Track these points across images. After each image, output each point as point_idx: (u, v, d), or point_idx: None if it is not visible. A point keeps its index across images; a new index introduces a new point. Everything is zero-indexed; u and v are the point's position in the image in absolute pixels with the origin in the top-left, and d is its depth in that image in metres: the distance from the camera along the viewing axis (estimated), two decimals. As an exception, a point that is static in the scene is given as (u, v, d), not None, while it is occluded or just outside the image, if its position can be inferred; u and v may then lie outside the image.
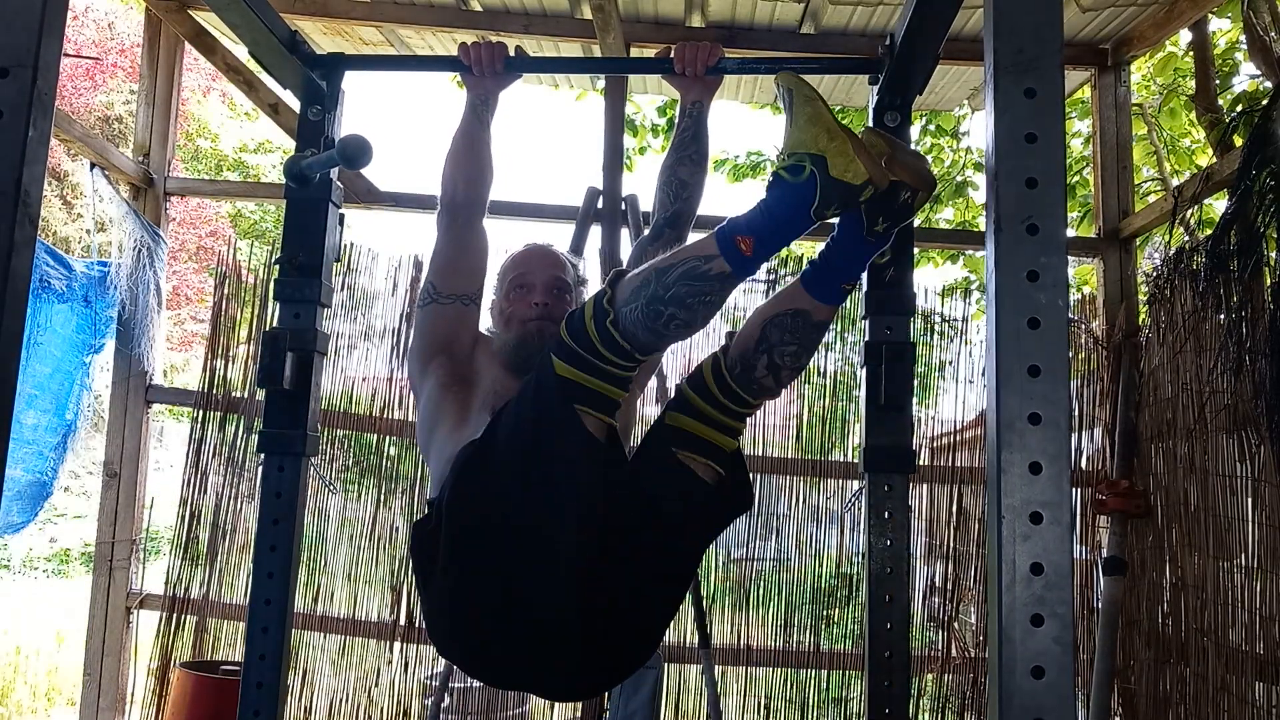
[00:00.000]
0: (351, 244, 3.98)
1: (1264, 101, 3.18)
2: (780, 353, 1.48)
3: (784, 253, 6.63)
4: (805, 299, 1.47)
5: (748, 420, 1.59)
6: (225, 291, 3.96)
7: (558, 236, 3.74)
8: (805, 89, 1.38)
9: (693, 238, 2.00)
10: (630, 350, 1.41)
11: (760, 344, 1.49)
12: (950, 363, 4.00)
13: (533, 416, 1.46)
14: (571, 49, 4.01)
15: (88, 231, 4.02)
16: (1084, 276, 6.13)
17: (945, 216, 6.86)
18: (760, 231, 1.35)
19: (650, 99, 6.58)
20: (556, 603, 1.45)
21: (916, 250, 4.22)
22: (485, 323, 1.98)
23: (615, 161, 3.80)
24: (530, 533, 1.46)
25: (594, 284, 2.15)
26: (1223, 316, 3.09)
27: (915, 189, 1.36)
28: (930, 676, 3.82)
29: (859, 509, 2.02)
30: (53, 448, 3.66)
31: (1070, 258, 4.68)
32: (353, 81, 2.15)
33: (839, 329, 4.04)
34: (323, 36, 4.08)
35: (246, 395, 3.85)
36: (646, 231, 2.01)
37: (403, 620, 3.81)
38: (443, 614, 1.60)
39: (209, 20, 3.77)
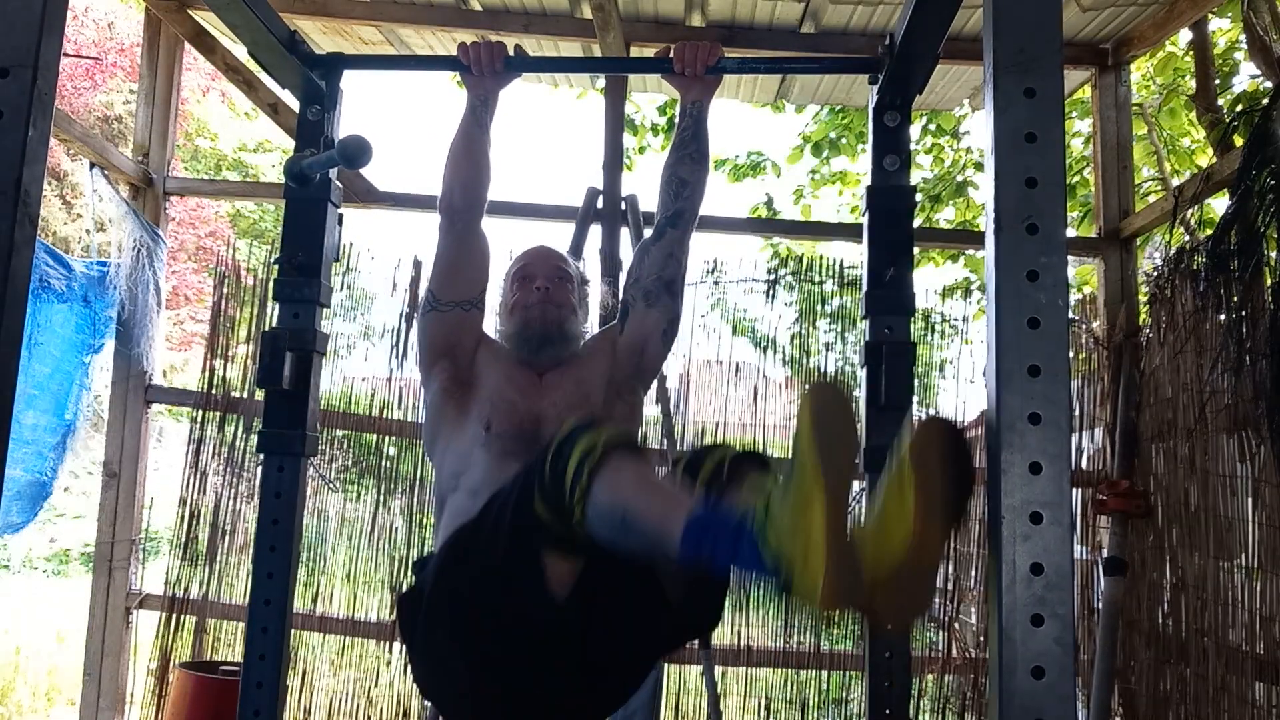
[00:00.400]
0: (351, 244, 3.98)
1: (1264, 101, 3.18)
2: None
3: (784, 252, 6.64)
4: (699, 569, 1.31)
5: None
6: (224, 291, 3.96)
7: (558, 236, 3.75)
8: (811, 461, 1.11)
9: (693, 241, 2.01)
10: (590, 544, 1.36)
11: (670, 581, 1.49)
12: (950, 363, 4.00)
13: (502, 550, 1.43)
14: (571, 48, 4.00)
15: (87, 231, 4.02)
16: (1084, 276, 6.12)
17: (945, 216, 6.86)
18: (720, 551, 1.20)
19: (650, 98, 6.58)
20: (521, 689, 1.50)
21: (916, 250, 4.22)
22: (493, 325, 2.01)
23: (615, 161, 3.79)
24: (494, 644, 1.48)
25: (594, 283, 2.16)
26: (1223, 316, 3.09)
27: (883, 621, 1.19)
28: (930, 677, 3.82)
29: (858, 508, 2.02)
30: (52, 448, 3.65)
31: (1070, 258, 4.67)
32: (352, 81, 2.15)
33: (839, 329, 4.05)
34: (322, 36, 4.07)
35: (246, 395, 3.85)
36: (649, 232, 2.02)
37: (402, 620, 3.81)
38: (429, 672, 1.65)
39: (209, 20, 3.76)
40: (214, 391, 3.86)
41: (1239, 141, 3.25)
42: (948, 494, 1.09)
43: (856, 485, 3.78)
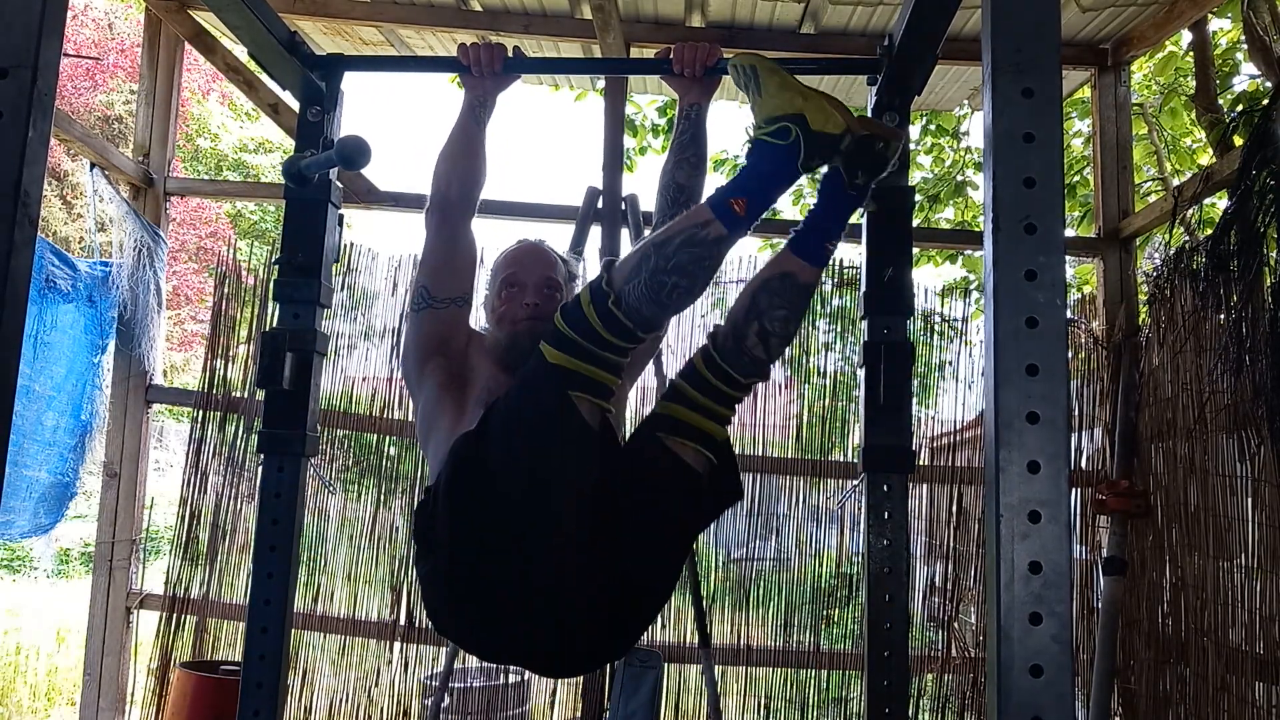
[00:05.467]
0: (351, 244, 3.98)
1: (1264, 101, 3.18)
2: (770, 318, 1.56)
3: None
4: (792, 261, 1.57)
5: (738, 408, 1.65)
6: (225, 291, 3.97)
7: (558, 236, 3.75)
8: (765, 63, 1.53)
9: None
10: (633, 328, 1.47)
11: (750, 311, 1.57)
12: (950, 363, 4.00)
13: (529, 406, 1.49)
14: (571, 49, 4.01)
15: (89, 231, 4.03)
16: (1084, 276, 6.13)
17: (945, 216, 6.86)
18: (752, 192, 1.47)
19: (650, 99, 6.58)
20: (554, 570, 1.49)
21: (916, 250, 4.22)
22: (476, 317, 1.99)
23: (615, 161, 3.80)
24: (528, 512, 1.49)
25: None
26: (1223, 316, 3.09)
27: (886, 139, 1.50)
28: (930, 676, 3.82)
29: (857, 507, 2.03)
30: (71, 449, 3.66)
31: (1070, 257, 4.68)
32: (352, 81, 2.15)
33: (839, 329, 4.05)
34: (322, 36, 4.08)
35: (246, 395, 3.85)
36: (647, 232, 2.02)
37: (403, 620, 3.81)
38: (441, 584, 1.61)
39: (209, 20, 3.77)
40: (214, 391, 3.87)
41: (1239, 141, 3.25)
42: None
43: (852, 482, 3.80)
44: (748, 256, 4.03)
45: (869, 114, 2.04)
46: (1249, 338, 2.88)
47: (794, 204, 7.29)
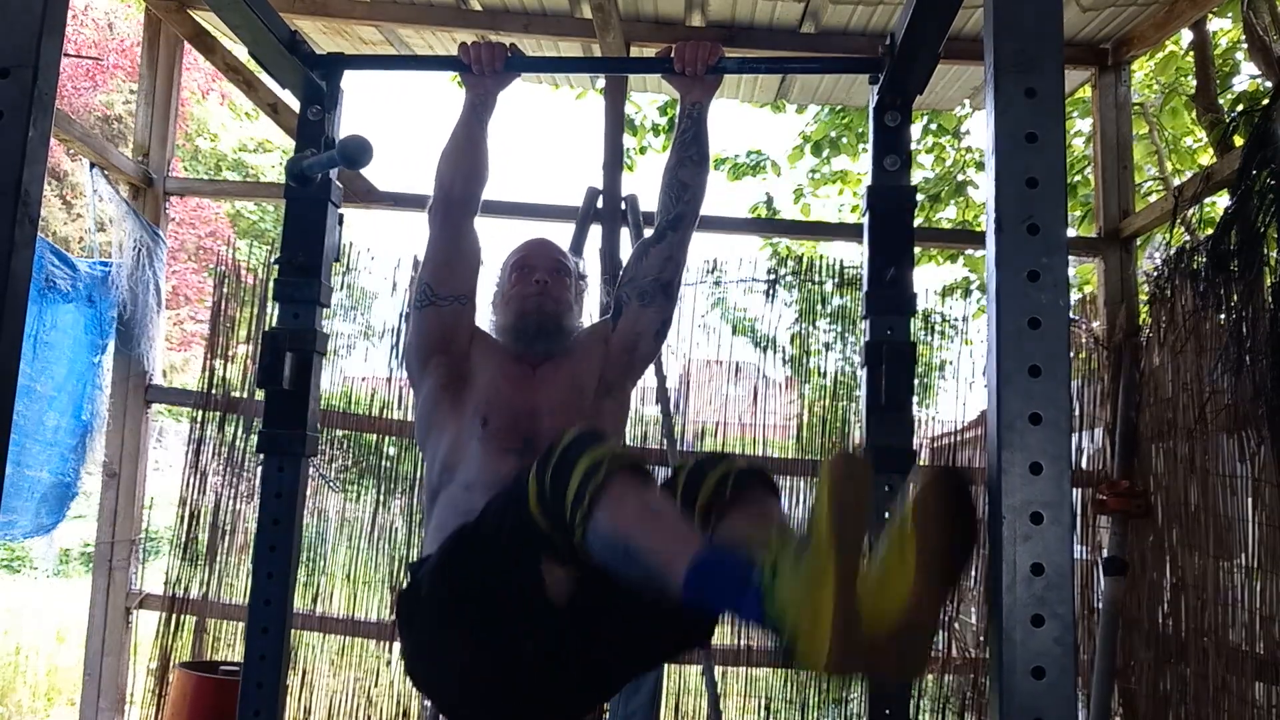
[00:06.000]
0: (351, 243, 3.97)
1: (1264, 101, 3.18)
2: None
3: (784, 252, 6.64)
4: None
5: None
6: (225, 291, 3.96)
7: (558, 236, 3.74)
8: (827, 538, 1.08)
9: (693, 241, 2.01)
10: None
11: None
12: (950, 363, 4.00)
13: (500, 555, 1.43)
14: (571, 48, 4.00)
15: (88, 231, 4.02)
16: (1084, 276, 6.12)
17: (946, 215, 6.86)
18: (722, 600, 1.22)
19: (650, 99, 6.58)
20: (520, 680, 1.50)
21: (916, 250, 4.21)
22: (483, 318, 2.00)
23: (615, 161, 3.79)
24: (493, 642, 1.49)
25: (593, 282, 2.17)
26: (1223, 316, 3.09)
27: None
28: (930, 677, 3.82)
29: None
30: (72, 449, 3.66)
31: (1071, 257, 4.67)
32: (353, 81, 2.15)
33: (840, 329, 4.05)
34: (322, 36, 4.07)
35: (246, 395, 3.84)
36: (649, 232, 2.02)
37: (402, 620, 3.81)
38: (426, 667, 1.66)
39: (209, 20, 3.76)
40: (214, 391, 3.86)
41: (1239, 141, 3.25)
42: (949, 556, 1.07)
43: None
44: (749, 258, 4.02)
45: (870, 114, 2.03)
46: (1249, 338, 2.88)
47: (795, 202, 7.30)
